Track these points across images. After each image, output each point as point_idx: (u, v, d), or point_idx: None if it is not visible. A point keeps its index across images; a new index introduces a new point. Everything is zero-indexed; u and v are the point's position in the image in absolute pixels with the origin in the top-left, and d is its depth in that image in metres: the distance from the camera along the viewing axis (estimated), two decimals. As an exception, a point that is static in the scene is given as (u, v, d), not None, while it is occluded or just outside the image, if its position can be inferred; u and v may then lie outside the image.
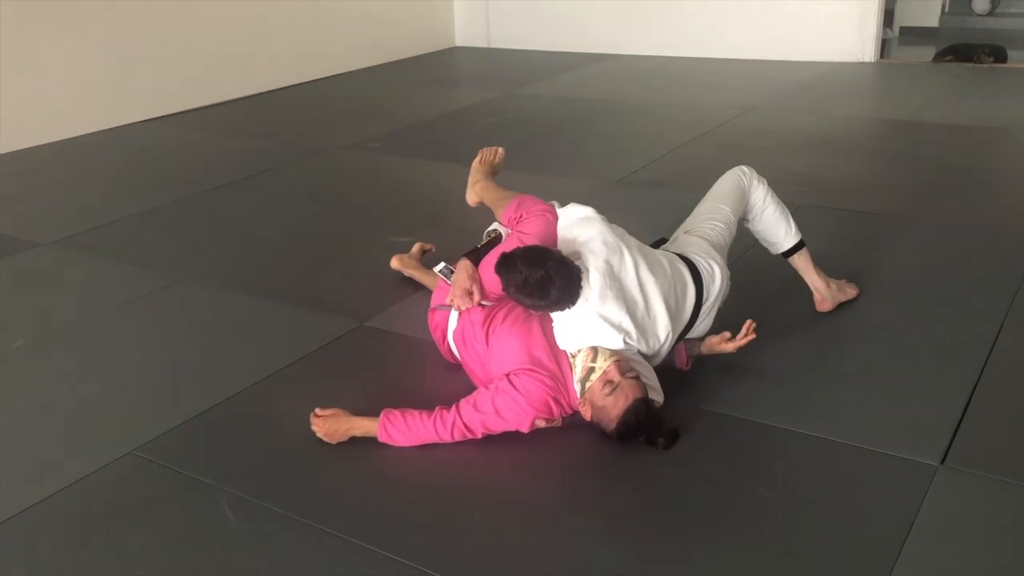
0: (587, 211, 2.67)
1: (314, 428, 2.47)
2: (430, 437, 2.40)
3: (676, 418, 2.47)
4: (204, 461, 2.45)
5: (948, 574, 1.94)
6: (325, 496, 2.29)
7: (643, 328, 2.49)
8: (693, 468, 2.35)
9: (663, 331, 2.53)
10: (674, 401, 2.55)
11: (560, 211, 2.69)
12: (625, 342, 2.45)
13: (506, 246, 2.54)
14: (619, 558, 2.04)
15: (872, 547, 2.02)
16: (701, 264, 2.68)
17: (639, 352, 2.52)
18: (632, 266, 2.50)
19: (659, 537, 2.10)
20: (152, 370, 2.99)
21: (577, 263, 2.44)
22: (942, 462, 2.29)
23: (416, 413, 2.42)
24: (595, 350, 2.40)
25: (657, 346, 2.55)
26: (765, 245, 3.11)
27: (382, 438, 2.42)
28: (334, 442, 2.45)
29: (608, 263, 2.47)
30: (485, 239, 2.82)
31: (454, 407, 2.42)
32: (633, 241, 2.61)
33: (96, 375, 2.98)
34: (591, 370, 2.37)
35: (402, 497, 2.28)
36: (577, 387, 2.40)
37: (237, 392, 2.79)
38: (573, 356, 2.44)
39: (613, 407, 2.33)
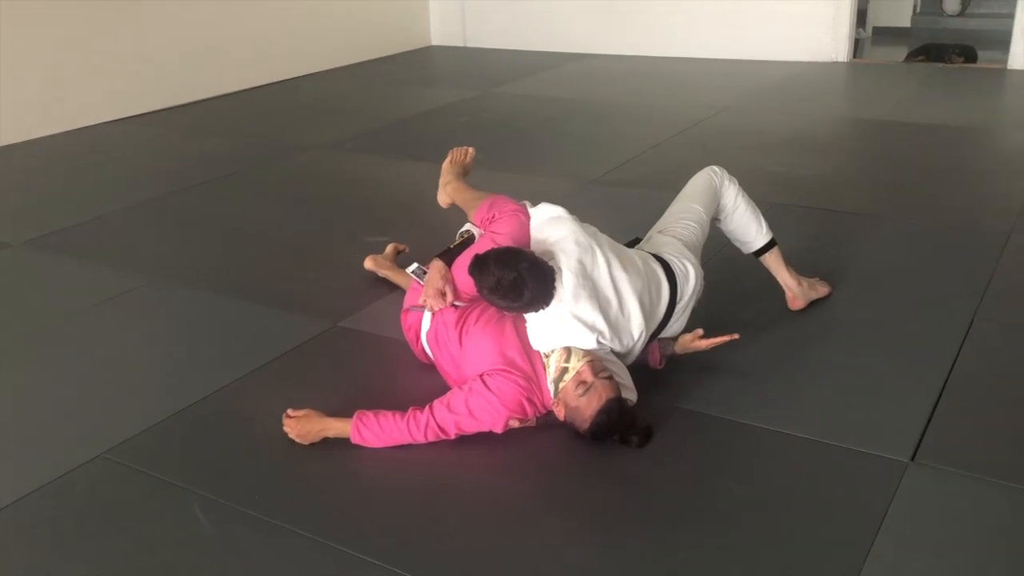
0: (558, 211, 2.67)
1: (286, 429, 2.45)
2: (403, 438, 2.40)
3: (650, 416, 2.48)
4: (176, 463, 2.43)
5: (918, 569, 1.96)
6: (297, 497, 2.28)
7: (616, 327, 2.49)
8: (667, 466, 2.35)
9: (637, 330, 2.53)
10: (648, 399, 2.55)
11: (531, 210, 2.69)
12: (598, 342, 2.45)
13: (479, 247, 2.54)
14: (592, 557, 2.04)
15: (843, 543, 2.04)
16: (675, 263, 2.70)
17: (612, 351, 2.53)
18: (605, 265, 2.50)
19: (632, 536, 2.11)
20: (124, 371, 2.97)
21: (550, 263, 2.44)
22: (912, 458, 2.32)
23: (389, 414, 2.42)
24: (568, 350, 2.40)
25: (631, 344, 2.55)
26: (737, 244, 3.12)
27: (355, 440, 2.41)
28: (306, 443, 2.44)
29: (581, 263, 2.47)
30: (458, 239, 2.82)
31: (427, 408, 2.41)
32: (605, 240, 2.62)
33: (68, 376, 2.95)
34: (564, 370, 2.37)
35: (375, 498, 2.27)
36: (551, 387, 2.41)
37: (210, 393, 2.77)
38: (546, 356, 2.44)
39: (586, 407, 2.33)
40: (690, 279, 2.71)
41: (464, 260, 2.54)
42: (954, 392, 2.61)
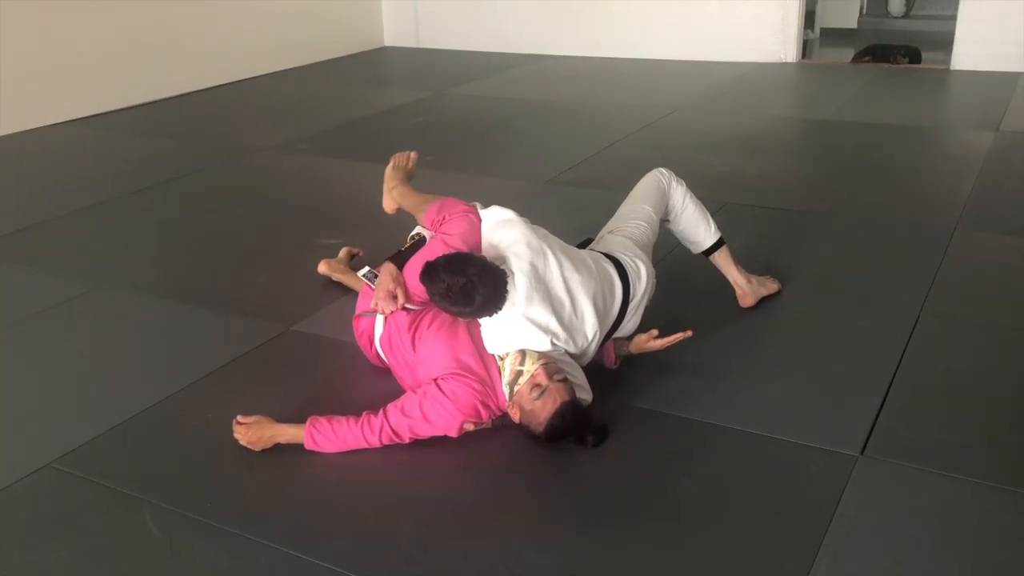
0: (508, 213, 2.67)
1: (237, 436, 2.42)
2: (358, 443, 2.38)
3: (604, 416, 2.49)
4: (126, 471, 2.39)
5: (869, 562, 1.99)
6: (251, 504, 2.25)
7: (570, 328, 2.50)
8: (621, 465, 2.37)
9: (591, 330, 2.54)
10: (602, 399, 2.57)
11: (482, 212, 2.69)
12: (553, 343, 2.46)
13: (430, 249, 2.53)
14: (549, 556, 2.04)
15: (795, 537, 2.07)
16: (627, 262, 2.71)
17: (567, 352, 2.53)
18: (557, 267, 2.51)
19: (588, 534, 2.11)
20: (71, 379, 2.90)
21: (501, 267, 2.44)
22: (862, 452, 2.36)
23: (343, 420, 2.40)
24: (523, 353, 2.40)
25: (585, 345, 2.56)
26: (687, 245, 3.15)
27: (309, 446, 2.39)
28: (258, 449, 2.41)
29: (533, 265, 2.48)
30: (408, 242, 2.81)
31: (381, 412, 2.40)
32: (556, 241, 2.63)
33: (12, 385, 2.88)
34: (519, 373, 2.37)
35: (329, 502, 2.25)
36: (505, 390, 2.41)
37: (160, 400, 2.73)
38: (501, 359, 2.44)
39: (541, 411, 2.34)
40: (642, 277, 2.72)
41: (416, 263, 2.53)
42: (902, 386, 2.66)
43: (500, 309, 2.39)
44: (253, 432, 2.40)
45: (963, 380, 2.71)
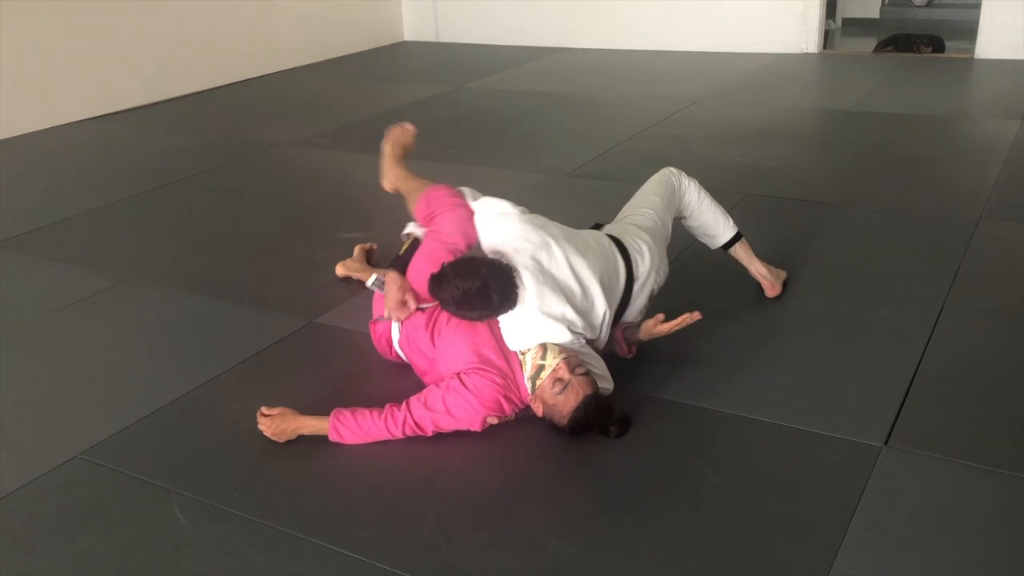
0: (503, 205, 2.65)
1: (261, 427, 2.44)
2: (381, 435, 2.40)
3: (626, 407, 2.50)
4: (153, 463, 2.42)
5: (893, 553, 1.99)
6: (276, 494, 2.27)
7: (584, 313, 2.50)
8: (643, 456, 2.37)
9: (600, 308, 2.54)
10: (623, 390, 2.57)
11: (475, 205, 2.68)
12: (571, 331, 2.46)
13: (427, 249, 2.53)
14: (570, 547, 2.05)
15: (818, 528, 2.06)
16: (628, 241, 2.72)
17: (585, 339, 2.53)
18: (562, 255, 2.51)
19: (610, 526, 2.12)
20: (99, 372, 2.94)
21: (507, 262, 2.44)
22: (885, 443, 2.35)
23: (367, 412, 2.41)
24: (544, 347, 2.41)
25: (598, 324, 2.56)
26: (704, 240, 3.15)
27: (333, 438, 2.41)
28: (282, 440, 2.43)
29: (536, 260, 2.47)
30: (405, 244, 2.80)
31: (404, 404, 2.41)
32: (556, 228, 2.61)
33: (41, 379, 2.92)
34: (541, 368, 2.38)
35: (353, 492, 2.27)
36: (528, 384, 2.41)
37: (186, 392, 2.76)
38: (522, 354, 2.44)
39: (564, 405, 2.35)
40: (645, 257, 2.72)
41: (418, 264, 2.55)
42: (926, 377, 2.65)
43: (516, 305, 2.40)
44: (277, 424, 2.42)
45: (987, 370, 2.69)
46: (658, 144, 5.13)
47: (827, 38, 7.93)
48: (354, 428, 2.39)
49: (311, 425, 2.43)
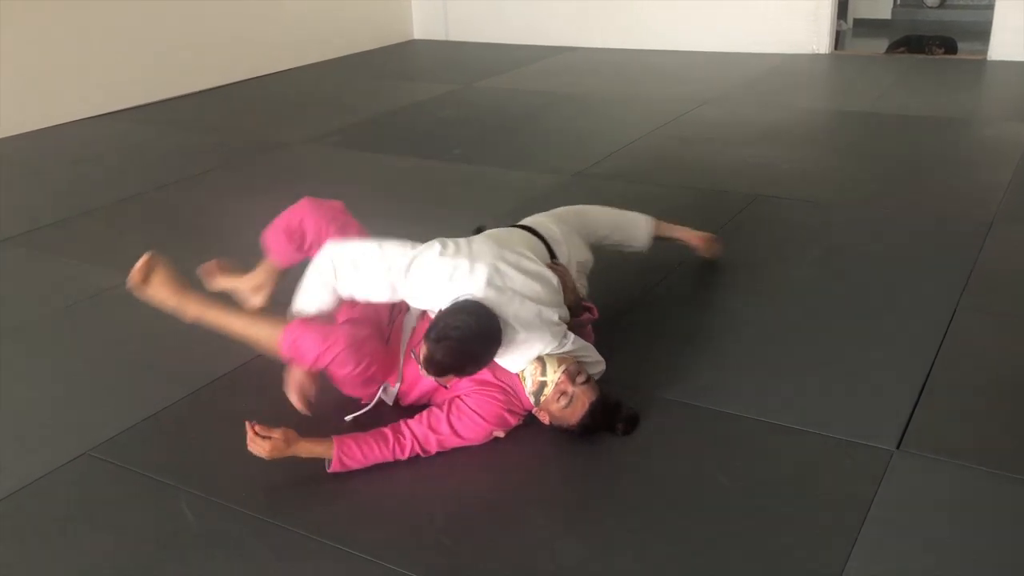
0: (436, 268, 2.42)
1: (253, 448, 2.25)
2: (384, 460, 2.33)
3: (635, 408, 2.49)
4: (162, 460, 2.42)
5: (905, 557, 1.97)
6: (284, 494, 2.27)
7: (552, 300, 2.44)
8: (653, 457, 2.36)
9: (554, 281, 2.50)
10: (634, 391, 2.56)
11: (396, 275, 2.45)
12: (557, 323, 2.41)
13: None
14: (580, 549, 2.04)
15: (830, 532, 2.05)
16: (528, 221, 2.78)
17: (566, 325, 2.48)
18: (509, 268, 2.40)
19: (620, 527, 2.11)
20: (108, 369, 2.94)
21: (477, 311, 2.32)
22: (898, 447, 2.33)
23: (370, 440, 2.32)
24: (542, 362, 2.37)
25: (561, 299, 2.51)
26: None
27: (334, 469, 2.29)
28: (271, 458, 2.29)
29: (494, 294, 2.34)
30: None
31: (406, 429, 2.35)
32: (484, 250, 2.44)
33: (50, 375, 2.92)
34: (543, 384, 2.36)
35: (362, 493, 2.26)
36: (532, 399, 2.40)
37: (195, 390, 2.76)
38: (520, 372, 2.42)
39: (572, 415, 2.35)
40: (558, 238, 2.74)
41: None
42: (938, 381, 2.63)
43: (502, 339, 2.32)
44: (275, 448, 2.24)
45: (1000, 374, 2.67)
46: (668, 144, 5.11)
47: (838, 39, 7.89)
48: (359, 459, 2.30)
49: (309, 449, 2.29)
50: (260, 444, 2.24)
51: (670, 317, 3.08)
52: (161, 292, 2.54)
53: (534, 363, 2.38)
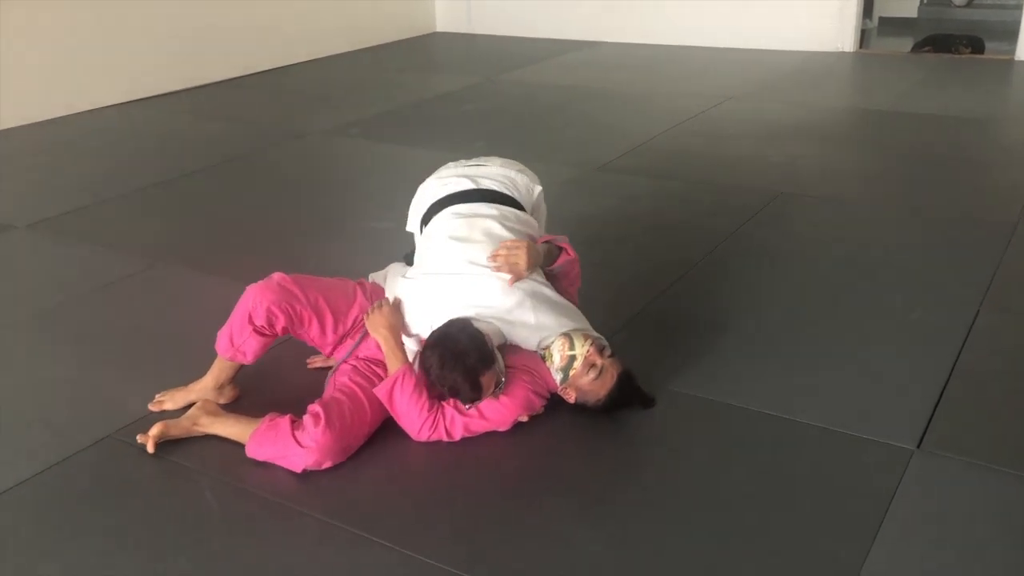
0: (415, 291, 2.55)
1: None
2: (413, 421, 2.35)
3: (657, 403, 2.50)
4: (184, 444, 2.43)
5: (923, 557, 1.97)
6: (304, 480, 2.28)
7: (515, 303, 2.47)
8: (672, 452, 2.36)
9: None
10: (654, 386, 2.56)
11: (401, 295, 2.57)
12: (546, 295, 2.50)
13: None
14: (598, 541, 2.05)
15: (848, 530, 2.05)
16: (489, 181, 2.75)
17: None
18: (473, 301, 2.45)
19: (638, 520, 2.11)
20: (130, 353, 2.97)
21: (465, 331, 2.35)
22: (918, 446, 2.32)
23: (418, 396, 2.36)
24: (568, 337, 2.40)
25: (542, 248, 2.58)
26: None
27: (382, 394, 2.35)
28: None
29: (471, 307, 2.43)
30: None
31: (437, 408, 2.38)
32: (449, 248, 2.54)
33: (74, 359, 2.95)
34: (571, 358, 2.38)
35: (381, 480, 2.27)
36: (558, 376, 2.41)
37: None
38: (544, 350, 2.44)
39: (601, 388, 2.39)
40: (517, 182, 2.77)
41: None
42: (960, 380, 2.61)
43: (493, 353, 2.35)
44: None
45: (1023, 375, 2.65)
46: (690, 140, 5.10)
47: (863, 37, 7.84)
48: (401, 406, 2.35)
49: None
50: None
51: (690, 312, 3.08)
52: (175, 432, 2.46)
53: (561, 339, 2.41)
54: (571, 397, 2.43)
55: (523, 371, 2.42)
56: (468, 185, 2.71)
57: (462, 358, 2.27)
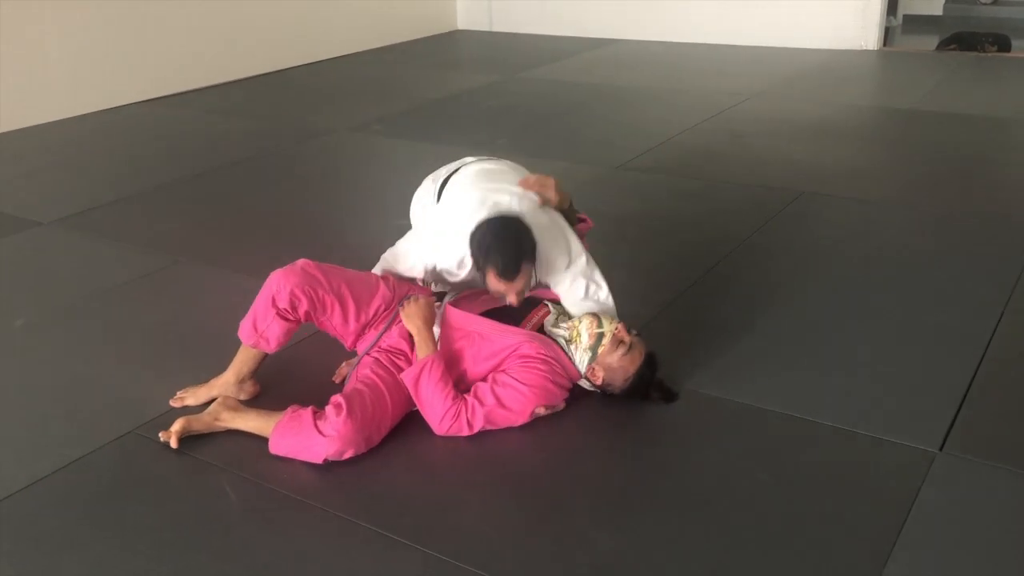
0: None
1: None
2: (435, 410, 2.37)
3: (675, 403, 2.51)
4: (205, 440, 2.45)
5: (945, 559, 1.95)
6: (325, 476, 2.29)
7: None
8: (692, 452, 2.36)
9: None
10: (675, 385, 2.56)
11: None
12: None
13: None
14: (616, 541, 2.04)
15: (870, 532, 2.03)
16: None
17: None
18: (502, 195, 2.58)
19: (656, 520, 2.11)
20: (153, 349, 2.99)
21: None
22: (941, 448, 2.30)
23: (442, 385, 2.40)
24: (596, 317, 2.47)
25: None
26: None
27: (410, 380, 2.39)
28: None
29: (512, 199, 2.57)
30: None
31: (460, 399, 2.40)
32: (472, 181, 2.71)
33: (97, 354, 2.98)
34: (600, 336, 2.44)
35: (400, 478, 2.28)
36: (587, 355, 2.45)
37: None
38: (568, 330, 2.49)
39: (631, 364, 2.44)
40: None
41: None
42: (983, 382, 2.59)
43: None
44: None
45: (1049, 378, 2.63)
46: (712, 139, 5.08)
47: (887, 35, 7.78)
48: (427, 393, 2.37)
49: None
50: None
51: (712, 311, 3.07)
52: (197, 428, 2.47)
53: (589, 318, 2.48)
54: (598, 377, 2.45)
55: (541, 360, 2.43)
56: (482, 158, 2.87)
57: (518, 238, 2.39)
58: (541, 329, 2.54)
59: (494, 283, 2.44)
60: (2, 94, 5.73)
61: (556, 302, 2.63)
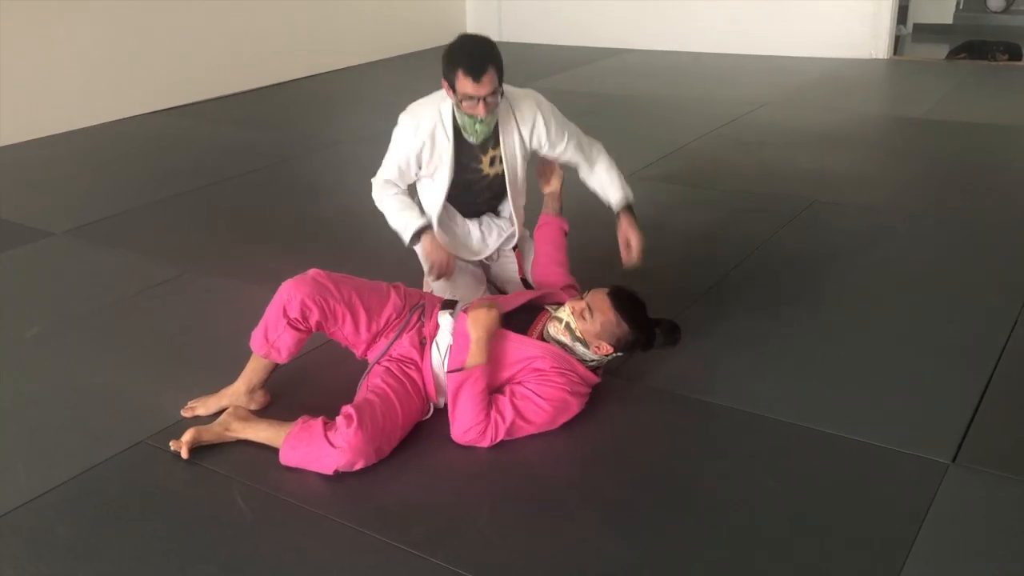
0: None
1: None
2: (467, 419, 2.35)
3: (686, 412, 2.50)
4: (215, 450, 2.46)
5: (958, 571, 1.94)
6: (335, 486, 2.29)
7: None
8: (705, 462, 2.35)
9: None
10: (686, 396, 2.55)
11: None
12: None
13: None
14: (626, 550, 2.04)
15: (882, 544, 2.02)
16: None
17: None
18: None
19: (668, 529, 2.10)
20: (164, 359, 3.00)
21: None
22: (953, 460, 2.29)
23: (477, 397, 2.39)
24: (557, 319, 2.49)
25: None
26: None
27: (451, 383, 2.38)
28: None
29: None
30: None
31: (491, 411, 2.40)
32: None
33: (108, 364, 2.99)
34: (568, 325, 2.46)
35: (410, 488, 2.28)
36: (582, 351, 2.46)
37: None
38: (562, 335, 2.49)
39: (603, 313, 2.44)
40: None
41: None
42: (997, 393, 2.57)
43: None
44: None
45: (1063, 389, 2.61)
46: (722, 147, 5.07)
47: (897, 44, 7.77)
48: (465, 402, 2.36)
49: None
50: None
51: (722, 320, 3.06)
52: (208, 438, 2.47)
53: (552, 322, 2.50)
54: (608, 350, 2.47)
55: (557, 373, 2.43)
56: None
57: (485, 40, 2.69)
58: (543, 336, 2.54)
59: (463, 86, 2.61)
60: (14, 105, 5.77)
61: (557, 305, 2.62)
